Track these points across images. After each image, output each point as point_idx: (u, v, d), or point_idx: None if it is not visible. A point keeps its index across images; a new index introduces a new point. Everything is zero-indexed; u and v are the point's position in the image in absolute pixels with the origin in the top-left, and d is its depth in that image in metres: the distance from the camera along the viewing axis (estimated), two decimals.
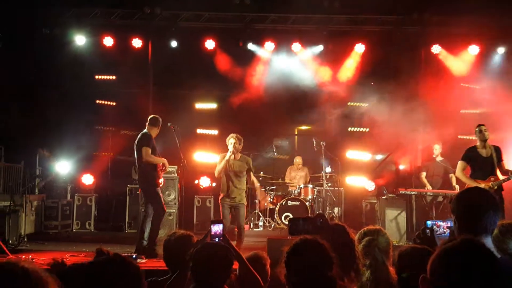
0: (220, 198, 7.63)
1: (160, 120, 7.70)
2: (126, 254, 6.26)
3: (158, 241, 7.32)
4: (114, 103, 12.48)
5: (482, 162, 7.60)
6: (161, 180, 7.75)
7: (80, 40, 11.85)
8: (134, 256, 6.52)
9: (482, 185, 7.34)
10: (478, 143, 7.72)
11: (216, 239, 3.27)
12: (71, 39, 11.85)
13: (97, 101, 12.36)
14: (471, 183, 7.51)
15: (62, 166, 11.14)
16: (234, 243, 3.60)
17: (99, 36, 11.88)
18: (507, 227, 2.84)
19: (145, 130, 7.57)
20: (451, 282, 1.65)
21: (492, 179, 7.47)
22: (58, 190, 10.74)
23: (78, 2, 11.67)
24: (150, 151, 7.34)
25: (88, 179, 11.05)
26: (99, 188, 11.50)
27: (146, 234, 7.33)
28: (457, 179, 9.05)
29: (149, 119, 7.69)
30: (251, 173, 7.79)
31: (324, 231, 2.88)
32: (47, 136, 11.36)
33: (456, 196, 2.53)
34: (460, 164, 7.78)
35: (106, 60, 11.95)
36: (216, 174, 7.57)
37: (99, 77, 12.39)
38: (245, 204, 7.68)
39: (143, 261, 6.80)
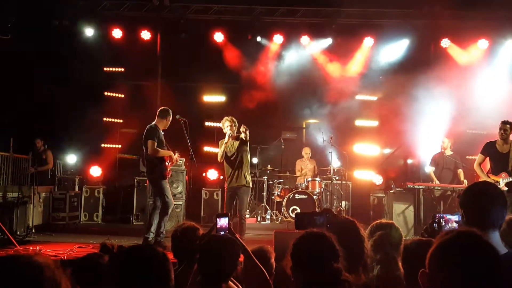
0: (225, 186, 7.80)
1: (170, 112, 7.66)
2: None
3: (165, 233, 7.35)
4: (123, 95, 12.49)
5: (498, 157, 7.66)
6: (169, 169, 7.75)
7: (89, 31, 11.88)
8: None
9: (491, 180, 7.33)
10: (499, 138, 7.74)
11: (222, 233, 3.27)
12: (80, 30, 11.88)
13: (106, 93, 12.37)
14: (483, 177, 7.61)
15: (70, 158, 11.20)
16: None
17: (108, 28, 11.91)
18: None
19: (153, 123, 7.57)
20: (447, 276, 1.63)
21: (503, 175, 7.46)
22: (66, 182, 10.78)
23: None
24: (155, 144, 7.34)
25: (96, 171, 11.08)
26: (107, 180, 11.54)
27: (153, 227, 7.34)
28: (465, 174, 9.05)
29: (158, 111, 7.69)
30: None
31: (331, 226, 2.87)
32: (55, 128, 11.40)
33: (464, 190, 2.51)
34: (478, 157, 7.90)
35: (114, 52, 11.97)
36: (219, 159, 7.77)
37: (108, 69, 12.42)
38: (249, 186, 7.79)
39: None
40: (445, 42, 11.74)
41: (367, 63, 12.25)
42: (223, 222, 3.30)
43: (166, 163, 7.54)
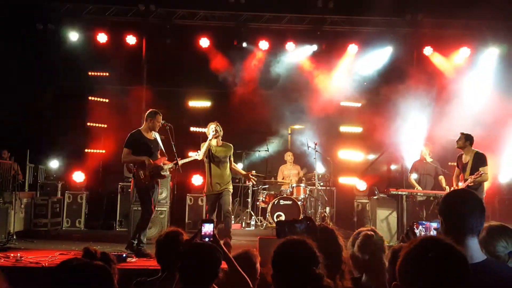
0: (204, 191, 7.99)
1: (154, 113, 7.59)
2: (115, 253, 6.27)
3: (145, 241, 7.33)
4: (107, 100, 12.41)
5: (462, 168, 8.25)
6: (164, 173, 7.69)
7: (73, 36, 11.79)
8: (124, 256, 6.48)
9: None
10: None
11: (206, 239, 3.26)
12: (65, 34, 11.79)
13: (90, 98, 12.29)
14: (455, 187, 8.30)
15: (53, 163, 11.10)
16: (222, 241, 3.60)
17: (93, 32, 11.83)
18: (495, 229, 2.86)
19: (138, 129, 7.58)
20: (414, 285, 1.65)
21: (459, 184, 8.17)
22: (48, 188, 10.67)
23: None
24: (128, 152, 7.32)
25: (79, 177, 10.99)
26: (90, 185, 11.45)
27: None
28: (446, 180, 9.28)
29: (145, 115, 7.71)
30: (231, 161, 8.09)
31: (311, 234, 2.89)
32: (38, 132, 11.30)
33: (443, 198, 2.55)
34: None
35: (99, 57, 11.88)
36: (199, 157, 7.86)
37: (92, 73, 12.32)
38: (231, 191, 7.96)
39: (133, 260, 6.78)
40: (427, 50, 11.88)
41: (352, 69, 12.33)
42: (207, 228, 3.30)
43: (144, 170, 7.39)
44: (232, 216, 8.76)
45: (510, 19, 11.21)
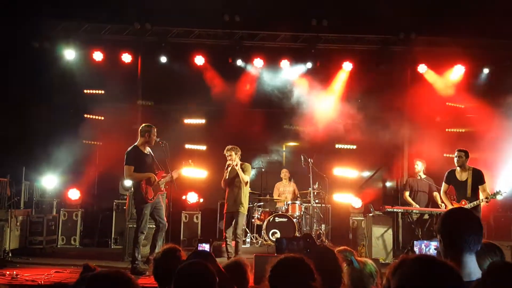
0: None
1: (148, 127, 7.66)
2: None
3: (140, 258, 7.34)
4: (102, 118, 12.43)
5: (458, 185, 8.17)
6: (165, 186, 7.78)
7: (69, 54, 11.83)
8: None
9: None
10: (457, 166, 8.20)
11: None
12: (61, 53, 11.83)
13: (85, 115, 12.31)
14: (448, 205, 8.24)
15: (49, 181, 11.06)
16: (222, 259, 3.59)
17: (89, 50, 11.88)
18: (483, 246, 2.90)
19: (134, 145, 7.61)
20: None
21: (463, 202, 7.93)
22: (43, 205, 10.63)
23: (68, 17, 11.68)
24: (132, 169, 7.38)
25: (74, 194, 10.96)
26: (85, 203, 11.42)
27: (156, 248, 7.39)
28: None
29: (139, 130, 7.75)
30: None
31: (311, 251, 2.90)
32: (34, 150, 11.28)
33: (442, 216, 2.58)
34: (443, 185, 8.42)
35: (95, 75, 11.91)
36: (222, 185, 8.41)
37: (88, 91, 12.35)
38: (243, 213, 8.20)
39: None
40: (421, 68, 11.99)
41: (347, 87, 12.42)
42: (203, 247, 3.29)
43: (146, 186, 7.49)
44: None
45: (501, 37, 11.37)
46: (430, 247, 7.27)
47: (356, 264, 3.16)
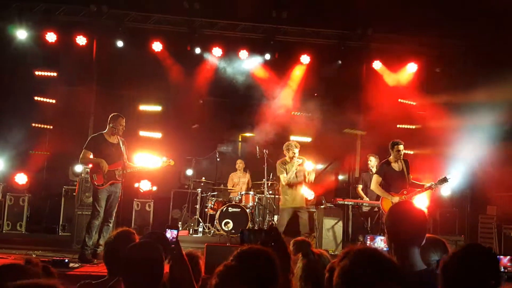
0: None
1: (116, 116, 7.63)
2: (57, 258, 6.11)
3: (91, 246, 7.22)
4: (54, 101, 12.07)
5: (396, 176, 8.10)
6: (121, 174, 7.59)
7: (21, 34, 11.39)
8: (66, 261, 6.33)
9: (396, 198, 7.78)
10: (392, 158, 8.19)
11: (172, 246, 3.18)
12: (12, 33, 11.39)
13: (36, 98, 11.92)
14: (386, 196, 8.09)
15: None
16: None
17: (42, 31, 11.45)
18: (429, 241, 3.00)
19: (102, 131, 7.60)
20: None
21: (404, 192, 7.93)
22: None
23: None
24: (88, 154, 7.33)
25: (21, 178, 10.61)
26: (33, 188, 11.07)
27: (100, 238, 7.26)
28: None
29: None
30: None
31: (276, 245, 2.86)
32: None
33: (388, 210, 2.65)
34: (376, 177, 8.29)
35: (47, 56, 11.55)
36: (285, 180, 8.90)
37: (39, 73, 11.95)
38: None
39: (77, 265, 6.62)
40: (376, 64, 12.21)
41: (303, 80, 12.52)
42: (171, 234, 3.21)
43: (94, 172, 7.37)
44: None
45: (454, 37, 11.70)
46: (376, 241, 7.43)
47: (312, 256, 3.17)
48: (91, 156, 7.39)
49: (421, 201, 8.05)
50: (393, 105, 11.96)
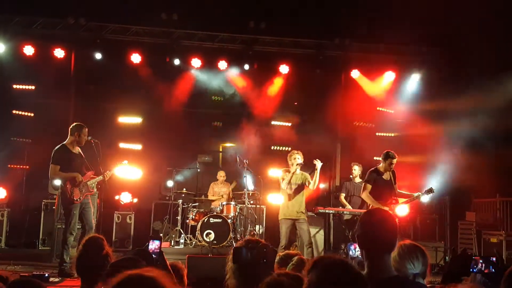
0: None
1: (80, 127, 7.53)
2: (38, 273, 6.04)
3: (69, 261, 7.15)
4: (32, 114, 11.97)
5: (384, 185, 8.09)
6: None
7: None
8: (46, 275, 6.27)
9: (387, 208, 7.84)
10: (381, 167, 8.17)
11: (154, 256, 3.19)
12: None
13: (14, 111, 11.81)
14: (376, 205, 7.95)
15: None
16: None
17: (19, 44, 11.36)
18: (406, 248, 3.04)
19: (62, 143, 7.43)
20: None
21: (393, 201, 8.00)
22: None
23: None
24: (57, 168, 7.19)
25: (0, 193, 10.48)
26: (12, 202, 10.93)
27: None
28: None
29: (69, 129, 7.55)
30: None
31: (269, 261, 2.85)
32: None
33: (360, 217, 2.70)
34: (366, 186, 8.18)
35: (25, 69, 11.46)
36: (283, 186, 8.70)
37: (17, 86, 11.85)
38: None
39: (56, 280, 6.56)
40: (355, 73, 12.35)
41: (283, 89, 12.61)
42: (154, 245, 3.21)
43: (71, 186, 7.30)
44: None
45: (432, 44, 11.90)
46: (357, 250, 7.49)
47: None
48: (60, 171, 7.31)
49: (401, 208, 8.11)
50: (372, 113, 12.11)
